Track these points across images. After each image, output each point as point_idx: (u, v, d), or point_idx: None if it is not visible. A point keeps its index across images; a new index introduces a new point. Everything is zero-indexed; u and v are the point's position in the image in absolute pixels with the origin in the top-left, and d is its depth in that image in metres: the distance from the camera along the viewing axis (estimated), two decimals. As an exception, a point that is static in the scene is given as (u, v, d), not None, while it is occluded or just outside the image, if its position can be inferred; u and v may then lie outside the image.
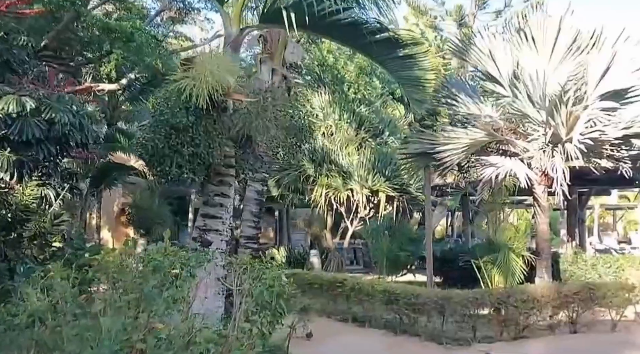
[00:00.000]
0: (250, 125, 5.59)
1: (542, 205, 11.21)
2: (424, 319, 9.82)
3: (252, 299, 4.22)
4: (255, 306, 4.28)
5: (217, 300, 5.17)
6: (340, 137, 16.07)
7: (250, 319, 4.01)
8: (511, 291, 9.28)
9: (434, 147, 11.13)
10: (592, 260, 13.27)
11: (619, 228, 39.37)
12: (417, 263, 16.15)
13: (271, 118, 5.50)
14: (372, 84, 15.47)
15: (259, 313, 4.10)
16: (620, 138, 10.24)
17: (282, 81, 7.53)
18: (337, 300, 11.95)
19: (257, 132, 5.61)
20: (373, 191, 15.75)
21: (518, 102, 10.89)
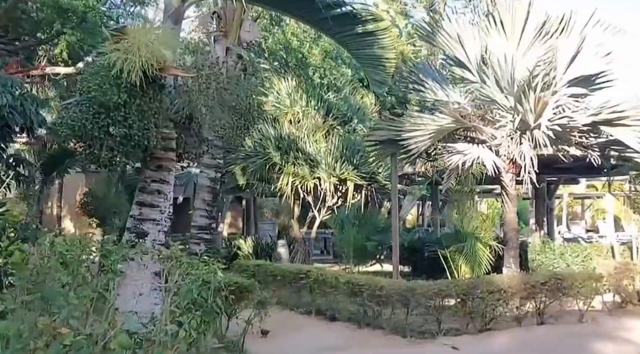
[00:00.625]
0: (191, 104, 5.11)
1: (509, 194, 10.93)
2: (388, 312, 9.49)
3: (181, 298, 3.78)
4: (187, 304, 3.84)
5: (154, 297, 4.72)
6: (308, 124, 15.62)
7: (176, 320, 3.57)
8: (477, 282, 8.98)
9: (401, 134, 10.74)
10: (560, 249, 13.09)
11: (587, 217, 39.78)
12: (386, 253, 15.86)
13: (215, 96, 5.02)
14: (339, 70, 15.01)
15: (186, 313, 3.65)
16: (588, 125, 9.99)
17: (238, 61, 7.04)
18: (301, 292, 11.58)
19: (200, 111, 5.13)
20: (341, 179, 15.35)
21: (486, 87, 10.57)
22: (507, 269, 10.73)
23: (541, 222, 14.77)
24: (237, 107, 5.34)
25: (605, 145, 11.16)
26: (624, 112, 9.69)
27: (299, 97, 15.87)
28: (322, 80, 15.18)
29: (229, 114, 5.27)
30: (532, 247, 13.34)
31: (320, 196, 15.64)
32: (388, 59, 6.83)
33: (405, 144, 10.55)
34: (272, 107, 15.87)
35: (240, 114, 5.39)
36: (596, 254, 12.79)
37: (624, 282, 10.56)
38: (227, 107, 5.20)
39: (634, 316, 10.22)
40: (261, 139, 15.41)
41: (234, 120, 5.37)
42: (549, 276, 9.36)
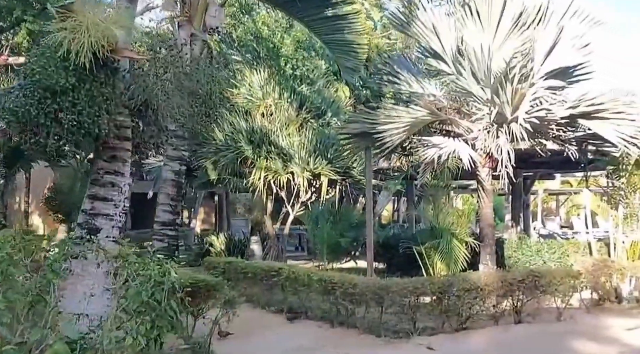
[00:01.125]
0: (147, 89, 4.70)
1: (486, 189, 10.70)
2: (362, 310, 9.19)
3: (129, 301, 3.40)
4: (137, 308, 3.45)
5: (106, 299, 4.32)
6: (281, 117, 15.21)
7: (123, 325, 3.18)
8: (453, 279, 8.70)
9: (375, 127, 10.42)
10: (537, 246, 12.93)
11: (561, 213, 40.07)
12: (361, 249, 15.59)
13: (173, 81, 4.62)
14: (312, 61, 14.62)
15: (135, 318, 3.26)
16: (566, 118, 9.78)
17: (203, 47, 6.63)
18: (272, 290, 11.22)
19: (157, 98, 4.72)
20: (315, 174, 14.98)
21: (462, 79, 10.30)
22: (484, 266, 10.50)
23: (517, 218, 14.60)
24: (197, 93, 4.94)
25: (582, 139, 10.97)
26: (602, 105, 9.50)
27: (271, 89, 15.46)
28: (295, 71, 14.76)
29: (189, 101, 4.88)
30: (509, 243, 13.15)
31: (294, 192, 15.27)
32: (360, 44, 6.49)
33: (380, 137, 10.24)
34: (244, 100, 15.44)
35: (201, 101, 5.00)
36: (573, 250, 12.64)
37: (602, 279, 10.40)
38: (187, 93, 4.81)
39: (612, 314, 10.06)
40: (232, 132, 14.98)
41: (194, 108, 4.98)
42: (527, 274, 9.13)
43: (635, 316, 9.92)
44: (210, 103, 5.08)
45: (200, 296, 8.31)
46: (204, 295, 8.32)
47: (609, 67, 11.64)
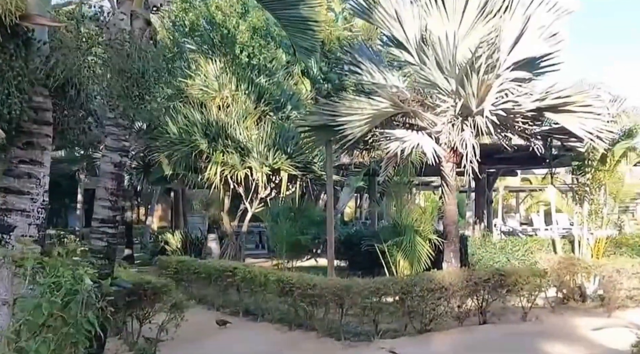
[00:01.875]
0: (69, 65, 4.05)
1: (449, 184, 10.29)
2: (322, 312, 8.68)
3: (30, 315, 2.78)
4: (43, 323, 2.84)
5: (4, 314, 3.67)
6: (238, 109, 14.54)
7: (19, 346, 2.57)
8: (417, 279, 8.25)
9: (336, 119, 9.90)
10: (501, 243, 12.63)
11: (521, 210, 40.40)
12: (322, 247, 15.09)
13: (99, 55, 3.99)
14: (269, 49, 13.95)
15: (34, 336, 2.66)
16: (533, 111, 9.43)
17: (146, 27, 5.98)
18: (227, 291, 10.66)
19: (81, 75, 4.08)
20: (274, 169, 14.38)
21: (426, 69, 9.85)
22: (447, 264, 10.11)
23: (481, 215, 14.29)
24: (129, 72, 4.31)
25: (547, 134, 10.69)
26: (569, 98, 9.15)
27: (228, 80, 14.76)
28: (252, 60, 14.09)
29: (120, 80, 4.25)
30: (472, 241, 12.82)
31: (252, 188, 14.65)
32: (317, 22, 5.94)
33: (341, 130, 9.73)
34: (198, 91, 14.74)
35: (133, 81, 4.37)
36: (537, 248, 12.38)
37: (566, 278, 10.12)
38: (117, 71, 4.18)
39: (577, 313, 9.80)
40: (187, 125, 14.27)
41: (125, 88, 4.35)
42: (492, 273, 8.75)
43: (601, 315, 9.66)
44: (143, 84, 4.46)
45: (147, 299, 7.71)
46: (150, 298, 7.71)
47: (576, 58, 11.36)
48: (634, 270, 9.57)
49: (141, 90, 4.49)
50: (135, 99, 4.50)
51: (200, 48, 15.21)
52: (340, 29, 18.87)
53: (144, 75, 4.49)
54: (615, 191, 11.04)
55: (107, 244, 6.59)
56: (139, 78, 4.42)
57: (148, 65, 4.55)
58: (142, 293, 7.59)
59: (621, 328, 8.70)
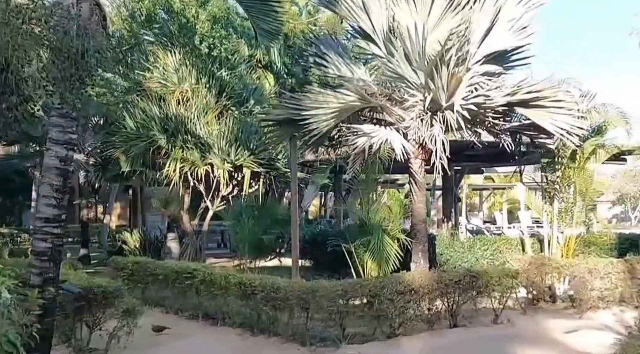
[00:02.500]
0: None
1: (418, 182, 9.95)
2: (286, 316, 8.22)
3: None
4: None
5: None
6: (198, 103, 13.94)
7: None
8: (386, 281, 7.85)
9: (301, 113, 9.44)
10: (469, 242, 12.35)
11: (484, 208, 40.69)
12: (286, 246, 14.63)
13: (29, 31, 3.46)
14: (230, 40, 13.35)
15: None
16: (504, 106, 9.13)
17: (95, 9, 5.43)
18: (186, 294, 10.09)
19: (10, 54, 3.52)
20: (236, 166, 13.85)
21: (394, 61, 9.47)
22: (415, 264, 9.76)
23: (449, 213, 14.00)
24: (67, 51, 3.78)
25: (517, 130, 10.45)
26: (541, 92, 8.89)
27: (187, 74, 14.15)
28: (212, 51, 13.50)
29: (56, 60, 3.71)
30: (440, 240, 12.51)
31: (213, 185, 14.09)
32: (280, 2, 5.46)
33: (306, 124, 9.28)
34: (157, 84, 14.10)
35: (71, 61, 3.84)
36: (506, 247, 12.15)
37: (537, 278, 9.88)
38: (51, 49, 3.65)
39: (548, 315, 9.57)
40: (144, 120, 13.63)
41: (62, 69, 3.82)
42: (463, 274, 8.41)
43: (572, 316, 9.46)
44: (83, 65, 3.92)
45: (97, 304, 7.16)
46: (101, 303, 7.16)
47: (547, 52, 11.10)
48: (605, 270, 9.39)
49: (81, 72, 3.95)
50: (74, 82, 3.95)
51: (159, 40, 14.56)
52: (304, 23, 18.40)
53: (83, 56, 3.95)
54: (585, 189, 10.86)
55: (51, 245, 6.01)
56: (78, 59, 3.88)
57: (89, 44, 4.00)
58: (92, 298, 7.06)
59: (594, 330, 8.51)
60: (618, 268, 9.46)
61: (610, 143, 11.24)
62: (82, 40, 3.95)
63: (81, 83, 4.03)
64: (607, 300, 9.56)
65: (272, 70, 18.88)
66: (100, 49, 4.21)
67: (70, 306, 6.86)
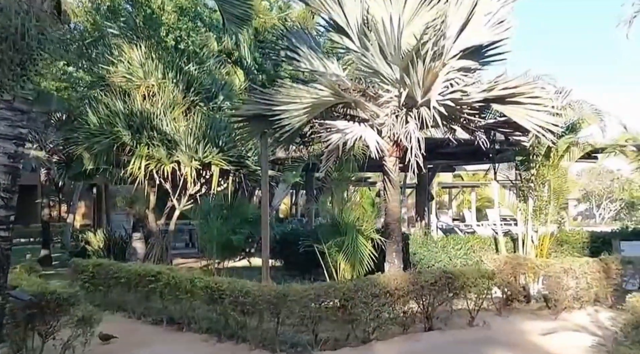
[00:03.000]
0: None
1: (392, 180, 9.67)
2: (255, 321, 7.85)
3: None
4: None
5: None
6: (165, 98, 13.44)
7: None
8: (360, 284, 7.53)
9: (272, 108, 9.06)
10: (442, 241, 12.13)
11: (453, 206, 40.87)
12: (257, 246, 14.25)
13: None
14: (197, 31, 12.84)
15: None
16: (481, 102, 8.88)
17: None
18: (150, 298, 9.63)
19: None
20: (204, 164, 13.39)
21: (369, 55, 9.14)
22: (389, 265, 9.48)
23: (423, 212, 13.78)
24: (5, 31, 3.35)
25: (492, 127, 10.24)
26: (517, 88, 8.67)
27: (154, 68, 13.63)
28: (179, 44, 13.01)
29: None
30: (414, 239, 12.27)
31: (180, 183, 13.62)
32: (251, -14, 5.10)
33: (278, 120, 8.90)
34: (121, 79, 13.56)
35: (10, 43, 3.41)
36: (479, 246, 11.96)
37: (512, 278, 9.69)
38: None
39: (523, 316, 9.39)
40: (108, 115, 13.09)
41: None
42: (439, 275, 8.14)
43: (547, 317, 9.30)
44: (23, 48, 3.49)
45: (50, 312, 6.67)
46: (54, 311, 6.68)
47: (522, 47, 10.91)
48: (581, 270, 9.24)
49: (21, 55, 3.51)
50: (14, 67, 3.52)
51: (124, 33, 14.01)
52: (275, 18, 17.99)
53: (24, 37, 3.52)
54: (559, 187, 10.72)
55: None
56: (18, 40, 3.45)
57: (30, 24, 3.56)
58: (45, 305, 6.57)
59: (570, 331, 8.35)
60: (593, 268, 9.33)
61: (584, 141, 11.11)
62: (23, 19, 3.51)
63: (22, 68, 3.60)
64: (582, 300, 9.42)
65: (242, 65, 18.43)
66: (45, 31, 3.76)
67: (22, 314, 6.38)
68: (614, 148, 11.34)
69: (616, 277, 9.47)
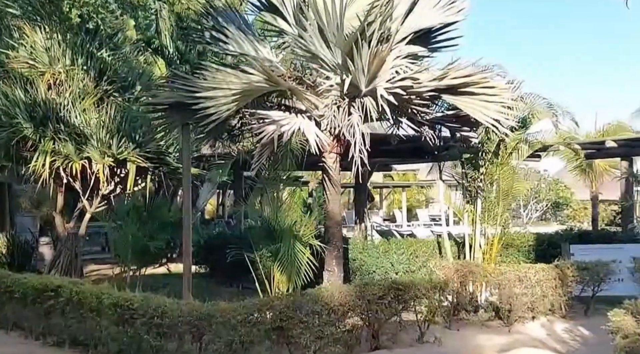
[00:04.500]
0: None
1: (333, 179, 8.66)
2: (174, 345, 6.61)
3: None
4: None
5: None
6: (73, 88, 11.89)
7: None
8: (300, 300, 6.42)
9: (195, 96, 7.82)
10: (384, 246, 11.18)
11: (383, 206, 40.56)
12: (178, 251, 12.89)
13: None
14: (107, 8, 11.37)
15: None
16: (432, 91, 7.97)
17: None
18: (50, 316, 8.18)
19: None
20: (119, 160, 11.92)
21: (307, 37, 8.06)
22: (329, 274, 8.46)
23: (362, 214, 12.78)
24: None
25: (439, 122, 9.42)
26: (471, 77, 7.83)
27: (60, 53, 12.05)
28: (87, 23, 11.50)
29: None
30: (354, 244, 11.25)
31: (91, 182, 12.09)
32: None
33: (201, 109, 7.67)
34: (23, 65, 11.92)
35: None
36: (422, 251, 11.10)
37: (460, 288, 8.86)
38: None
39: (475, 329, 8.61)
40: (7, 106, 11.42)
41: None
42: (388, 287, 7.13)
43: (500, 330, 8.58)
44: None
45: None
46: None
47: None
48: (536, 277, 8.50)
49: None
50: None
51: (26, 13, 12.35)
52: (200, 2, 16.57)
53: None
54: (508, 187, 10.00)
55: None
56: None
57: None
58: None
59: (529, 348, 7.57)
60: (549, 275, 8.61)
61: (532, 138, 10.45)
62: None
63: None
64: (536, 311, 8.69)
65: (163, 55, 16.91)
66: None
67: None
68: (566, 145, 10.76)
69: (571, 285, 8.80)
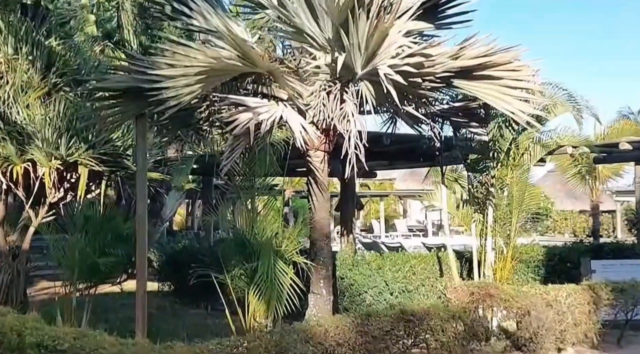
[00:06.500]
0: None
1: (320, 182, 7.17)
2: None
3: None
4: None
5: None
6: (16, 80, 10.35)
7: None
8: (287, 341, 4.85)
9: (151, 78, 6.21)
10: (377, 262, 9.66)
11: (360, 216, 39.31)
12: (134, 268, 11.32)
13: None
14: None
15: None
16: (445, 73, 6.51)
17: None
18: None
19: None
20: (69, 163, 10.36)
21: (290, 6, 6.54)
22: (316, 297, 6.91)
23: (350, 225, 11.24)
24: None
25: (445, 115, 8.02)
26: (490, 57, 6.40)
27: (2, 40, 10.51)
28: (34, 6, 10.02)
29: None
30: (342, 259, 9.68)
31: (35, 189, 10.47)
32: None
33: (160, 91, 6.07)
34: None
35: None
36: (421, 267, 9.63)
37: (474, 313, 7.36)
38: None
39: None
40: None
41: None
42: (397, 318, 5.61)
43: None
44: None
45: None
46: None
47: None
48: (567, 300, 7.06)
49: None
50: None
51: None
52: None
53: None
54: (522, 193, 8.60)
55: None
56: None
57: None
58: None
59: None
60: (583, 299, 7.18)
61: (547, 137, 9.09)
62: None
63: None
64: (565, 341, 7.23)
65: (124, 45, 15.40)
66: None
67: None
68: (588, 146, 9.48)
69: (607, 309, 7.40)
